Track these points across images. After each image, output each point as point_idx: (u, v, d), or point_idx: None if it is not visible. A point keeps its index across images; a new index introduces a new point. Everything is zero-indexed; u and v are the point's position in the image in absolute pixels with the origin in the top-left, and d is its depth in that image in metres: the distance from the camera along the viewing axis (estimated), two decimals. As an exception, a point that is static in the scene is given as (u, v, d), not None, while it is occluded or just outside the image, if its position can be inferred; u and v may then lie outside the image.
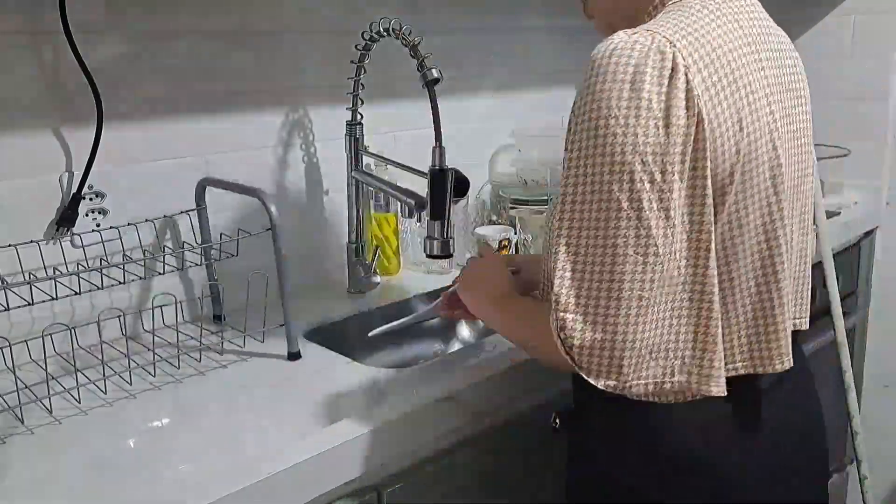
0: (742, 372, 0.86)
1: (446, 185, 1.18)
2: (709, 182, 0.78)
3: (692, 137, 0.76)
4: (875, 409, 2.07)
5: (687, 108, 0.76)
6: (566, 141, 0.80)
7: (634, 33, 0.78)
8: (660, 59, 0.76)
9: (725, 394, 0.82)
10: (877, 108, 1.96)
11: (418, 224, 1.54)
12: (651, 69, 0.76)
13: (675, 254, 0.78)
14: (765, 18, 0.90)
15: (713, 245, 0.79)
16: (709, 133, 0.77)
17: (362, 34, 1.30)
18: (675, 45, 0.77)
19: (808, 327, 0.96)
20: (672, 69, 0.76)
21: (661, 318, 0.79)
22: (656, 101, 0.75)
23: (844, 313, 1.76)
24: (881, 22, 1.92)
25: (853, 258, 1.98)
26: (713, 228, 0.79)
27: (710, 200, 0.78)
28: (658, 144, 0.76)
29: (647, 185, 0.76)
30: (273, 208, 1.11)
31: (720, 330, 0.81)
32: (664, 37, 0.77)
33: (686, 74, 0.76)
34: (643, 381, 0.80)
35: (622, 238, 0.77)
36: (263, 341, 1.20)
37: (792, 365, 0.88)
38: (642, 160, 0.76)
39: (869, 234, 2.02)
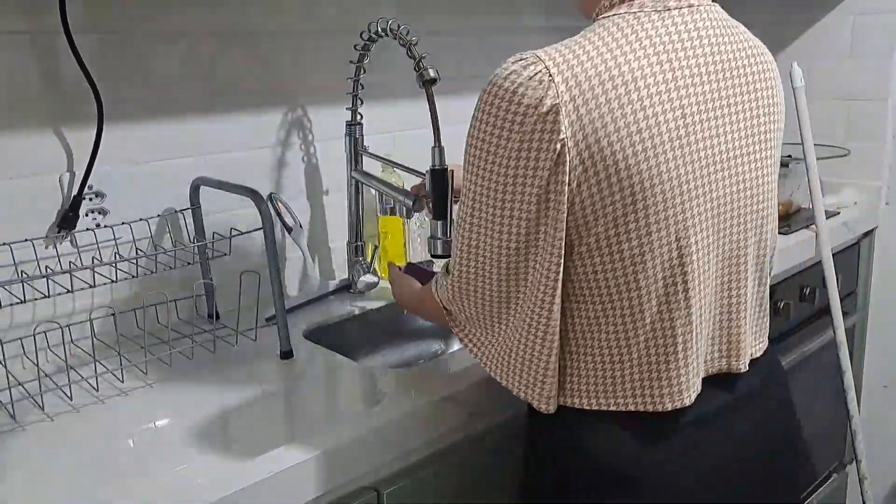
0: (631, 408, 0.87)
1: (447, 185, 1.18)
2: (564, 225, 0.80)
3: (545, 178, 0.78)
4: (874, 409, 2.08)
5: (549, 148, 0.77)
6: (465, 156, 0.85)
7: (522, 58, 0.79)
8: (529, 94, 0.77)
9: (551, 412, 0.88)
10: (876, 108, 1.96)
11: (417, 225, 1.54)
12: (515, 105, 0.78)
13: (533, 286, 0.83)
14: (715, 30, 0.85)
15: (557, 286, 0.82)
16: (579, 174, 0.78)
17: (361, 34, 1.31)
18: (553, 78, 0.77)
19: (745, 370, 0.93)
20: (536, 106, 0.77)
21: (504, 330, 0.89)
22: (517, 137, 0.78)
23: (844, 313, 1.76)
24: (881, 22, 1.92)
25: (853, 258, 1.98)
26: (558, 268, 0.81)
27: (559, 244, 0.80)
28: (514, 177, 0.80)
29: (499, 213, 0.82)
30: (265, 208, 1.11)
31: (553, 357, 0.85)
32: (546, 67, 0.77)
33: (557, 112, 0.76)
34: (505, 380, 0.91)
35: (490, 249, 0.84)
36: (256, 340, 1.20)
37: (689, 404, 0.87)
38: (496, 189, 0.81)
39: (868, 234, 2.02)
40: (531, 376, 0.88)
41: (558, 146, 0.77)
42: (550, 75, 0.77)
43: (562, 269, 0.82)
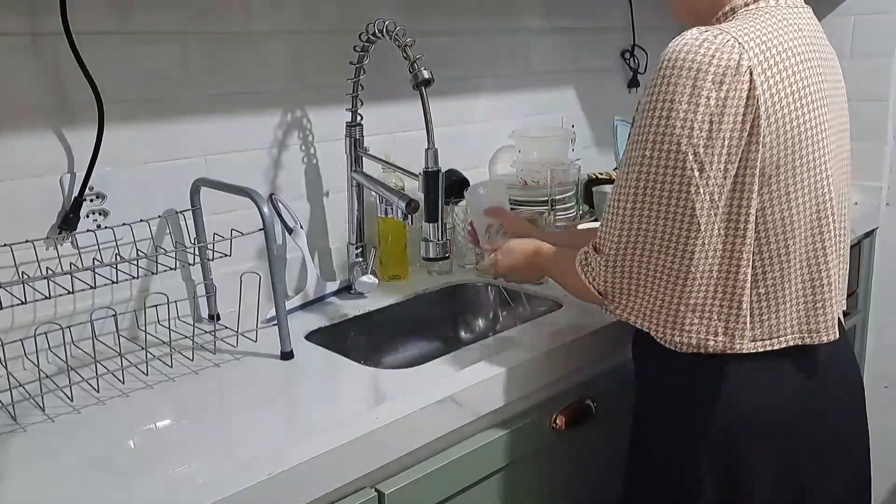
0: (791, 343, 0.97)
1: (439, 187, 1.19)
2: (757, 171, 0.89)
3: (747, 131, 0.87)
4: (875, 409, 2.06)
5: (746, 105, 0.87)
6: (633, 126, 0.94)
7: (706, 31, 0.89)
8: (725, 58, 0.86)
9: (750, 351, 0.96)
10: (877, 108, 1.96)
11: (410, 225, 1.54)
12: (715, 67, 0.86)
13: (716, 230, 0.91)
14: (818, 27, 1.00)
15: (751, 228, 0.91)
16: (765, 127, 0.87)
17: (359, 35, 1.31)
18: (742, 46, 0.87)
19: (844, 307, 1.07)
20: (736, 68, 0.86)
21: (700, 283, 0.94)
22: (714, 98, 0.86)
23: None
24: (881, 22, 1.92)
25: (853, 258, 1.98)
26: (752, 213, 0.90)
27: (755, 188, 0.90)
28: (710, 138, 0.87)
29: (697, 173, 0.89)
30: (265, 209, 1.11)
31: (748, 298, 0.94)
32: (733, 36, 0.87)
33: (750, 73, 0.86)
34: (686, 335, 0.96)
35: (671, 212, 0.91)
36: (256, 340, 1.20)
37: (838, 337, 0.99)
38: (695, 151, 0.88)
39: (869, 234, 2.02)
40: (738, 322, 0.95)
41: (755, 101, 0.86)
42: (740, 43, 0.87)
43: (754, 214, 0.91)
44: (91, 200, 1.20)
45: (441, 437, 1.03)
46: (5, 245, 1.09)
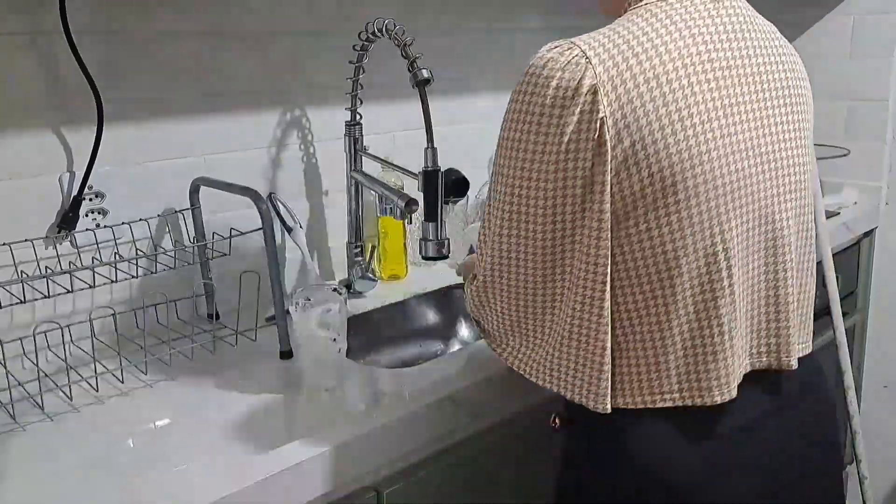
0: (671, 404, 0.84)
1: (438, 187, 1.19)
2: (607, 211, 0.79)
3: (598, 159, 0.77)
4: (874, 408, 2.08)
5: (588, 129, 0.77)
6: (497, 148, 0.84)
7: (555, 47, 0.80)
8: (567, 77, 0.77)
9: (609, 411, 0.84)
10: (877, 108, 1.96)
11: (410, 225, 1.54)
12: (553, 90, 0.78)
13: (576, 279, 0.82)
14: (744, 21, 0.85)
15: (608, 274, 0.80)
16: (614, 152, 0.77)
17: (359, 34, 1.31)
18: (590, 61, 0.77)
19: (795, 366, 0.90)
20: (576, 88, 0.77)
21: (559, 337, 0.85)
22: (558, 125, 0.78)
23: (844, 313, 1.76)
24: (881, 22, 1.92)
25: (853, 258, 1.98)
26: (609, 255, 0.80)
27: (607, 226, 0.79)
28: (560, 179, 0.79)
29: (550, 218, 0.81)
30: (264, 208, 1.11)
31: (608, 352, 0.83)
32: (582, 51, 0.77)
33: (594, 94, 0.76)
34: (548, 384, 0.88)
35: (530, 263, 0.84)
36: (256, 340, 1.20)
37: (733, 396, 0.84)
38: (553, 195, 0.80)
39: (868, 234, 2.02)
40: (585, 376, 0.84)
41: (597, 125, 0.76)
42: (587, 58, 0.77)
43: (609, 257, 0.80)
44: (90, 199, 1.19)
45: (441, 437, 1.03)
46: (4, 244, 1.09)
